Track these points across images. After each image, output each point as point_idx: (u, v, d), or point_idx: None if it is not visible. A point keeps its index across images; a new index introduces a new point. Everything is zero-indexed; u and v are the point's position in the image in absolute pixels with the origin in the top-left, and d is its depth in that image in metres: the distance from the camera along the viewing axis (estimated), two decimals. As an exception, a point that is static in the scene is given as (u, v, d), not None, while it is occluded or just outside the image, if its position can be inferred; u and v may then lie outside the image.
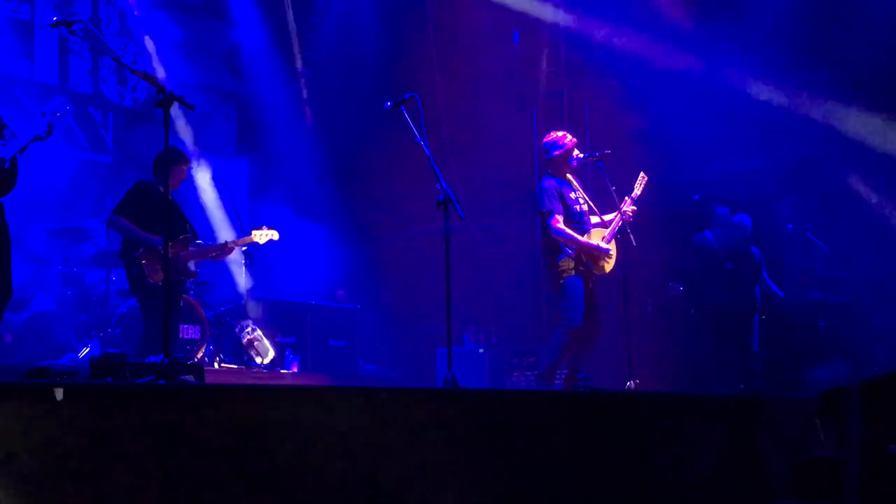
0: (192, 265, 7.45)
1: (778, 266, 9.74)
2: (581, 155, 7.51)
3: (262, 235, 7.91)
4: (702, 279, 9.37)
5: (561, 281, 7.20)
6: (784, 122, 9.90)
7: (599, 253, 7.22)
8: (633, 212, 7.41)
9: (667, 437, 4.46)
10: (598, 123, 10.89)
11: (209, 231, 10.67)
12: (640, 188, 7.51)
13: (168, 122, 5.17)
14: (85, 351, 8.35)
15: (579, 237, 7.16)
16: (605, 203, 7.62)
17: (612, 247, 7.34)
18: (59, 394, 3.11)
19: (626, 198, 7.43)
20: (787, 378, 8.73)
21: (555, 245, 7.22)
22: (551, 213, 7.18)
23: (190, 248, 7.41)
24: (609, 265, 7.33)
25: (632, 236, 7.40)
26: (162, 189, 6.76)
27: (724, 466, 4.50)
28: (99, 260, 8.96)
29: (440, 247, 6.11)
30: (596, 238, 7.25)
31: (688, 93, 9.94)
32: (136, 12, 10.87)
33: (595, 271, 7.23)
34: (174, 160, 7.21)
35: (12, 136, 5.67)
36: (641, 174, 7.58)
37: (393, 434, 3.69)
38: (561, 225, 7.14)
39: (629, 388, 7.13)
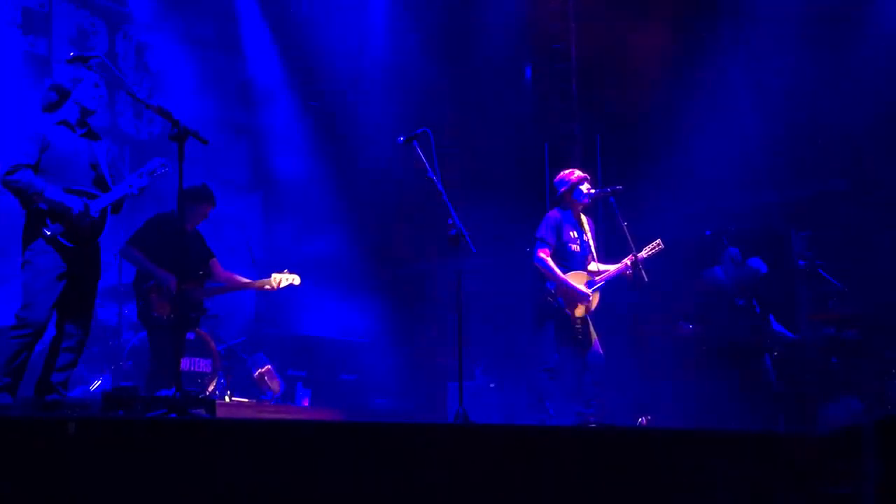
0: (205, 302, 7.43)
1: (790, 302, 9.70)
2: (593, 190, 7.51)
3: (283, 280, 7.71)
4: (712, 315, 9.33)
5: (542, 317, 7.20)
6: (796, 155, 9.90)
7: (576, 294, 7.15)
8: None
9: (679, 473, 4.43)
10: (611, 158, 10.91)
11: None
12: (650, 253, 7.47)
13: (182, 156, 5.20)
14: (97, 384, 8.33)
15: (558, 272, 7.11)
16: (618, 238, 7.61)
17: (595, 296, 7.27)
18: (71, 427, 3.11)
19: (632, 255, 7.38)
20: (800, 415, 8.66)
21: (541, 275, 7.21)
22: (540, 242, 7.20)
23: (206, 286, 7.37)
24: (585, 310, 7.24)
25: (643, 272, 7.38)
26: (179, 224, 6.74)
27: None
28: (111, 293, 8.96)
29: (452, 281, 6.13)
30: (576, 280, 7.18)
31: (700, 126, 9.95)
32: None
33: (567, 311, 7.16)
34: (199, 199, 7.13)
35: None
36: (658, 241, 7.52)
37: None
38: (544, 255, 7.14)
39: (641, 423, 7.09)
